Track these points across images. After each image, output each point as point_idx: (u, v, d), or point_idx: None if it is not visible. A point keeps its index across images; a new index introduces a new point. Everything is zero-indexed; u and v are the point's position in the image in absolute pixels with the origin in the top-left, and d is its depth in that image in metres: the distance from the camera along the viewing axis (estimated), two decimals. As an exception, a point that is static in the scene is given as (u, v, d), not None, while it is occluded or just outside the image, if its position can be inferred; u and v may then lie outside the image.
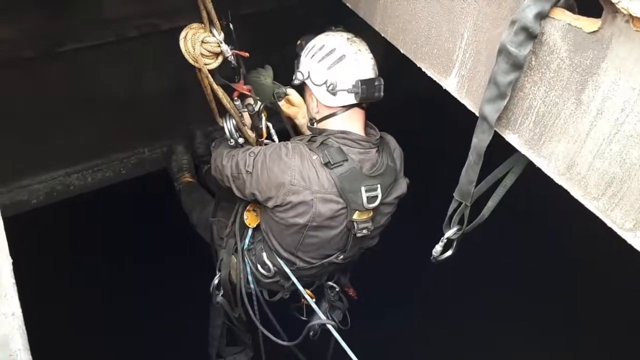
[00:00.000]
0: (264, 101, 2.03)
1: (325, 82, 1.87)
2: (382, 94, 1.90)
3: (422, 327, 3.80)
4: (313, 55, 1.91)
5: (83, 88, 2.92)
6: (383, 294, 3.66)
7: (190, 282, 2.89)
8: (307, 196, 1.85)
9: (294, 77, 1.97)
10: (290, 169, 1.83)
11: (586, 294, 3.82)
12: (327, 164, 1.84)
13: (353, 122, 1.93)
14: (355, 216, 1.93)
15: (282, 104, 2.12)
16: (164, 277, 3.65)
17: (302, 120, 2.18)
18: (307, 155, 1.86)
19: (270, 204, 1.91)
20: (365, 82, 1.85)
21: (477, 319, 3.84)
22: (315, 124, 1.99)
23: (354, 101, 1.88)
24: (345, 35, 1.93)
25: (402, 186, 2.08)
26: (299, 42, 2.01)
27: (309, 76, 1.92)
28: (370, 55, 1.91)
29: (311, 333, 2.29)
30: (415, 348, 3.74)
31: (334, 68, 1.86)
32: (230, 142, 2.06)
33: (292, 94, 2.12)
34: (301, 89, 2.06)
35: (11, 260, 1.06)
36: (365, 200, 1.90)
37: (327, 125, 1.95)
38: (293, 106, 2.16)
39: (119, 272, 3.67)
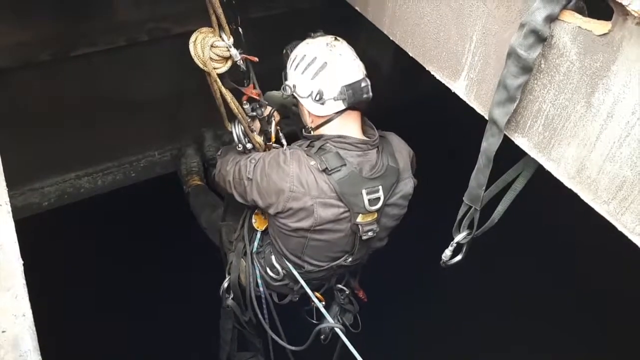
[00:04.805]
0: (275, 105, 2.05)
1: (312, 93, 1.84)
2: (370, 94, 1.84)
3: (427, 329, 3.78)
4: (296, 67, 1.88)
5: (95, 92, 2.96)
6: (387, 295, 3.64)
7: (199, 285, 2.90)
8: (307, 202, 1.84)
9: (282, 89, 1.92)
10: (288, 176, 1.82)
11: (595, 297, 3.79)
12: (324, 171, 1.82)
13: (349, 125, 1.90)
14: (359, 219, 1.91)
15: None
16: (173, 281, 3.66)
17: None
18: (304, 160, 1.85)
19: (271, 211, 1.90)
20: (351, 87, 1.81)
21: (478, 321, 3.82)
22: (311, 131, 1.95)
23: (343, 107, 1.85)
24: (324, 40, 1.88)
25: (407, 186, 2.03)
26: (284, 51, 1.98)
27: (295, 89, 1.89)
28: (354, 57, 1.87)
29: (322, 337, 2.29)
30: (420, 349, 3.72)
31: (317, 78, 1.83)
32: (239, 147, 2.06)
33: None
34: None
35: (22, 262, 1.07)
36: (367, 202, 1.88)
37: (323, 131, 1.92)
38: None
39: (129, 274, 3.69)
